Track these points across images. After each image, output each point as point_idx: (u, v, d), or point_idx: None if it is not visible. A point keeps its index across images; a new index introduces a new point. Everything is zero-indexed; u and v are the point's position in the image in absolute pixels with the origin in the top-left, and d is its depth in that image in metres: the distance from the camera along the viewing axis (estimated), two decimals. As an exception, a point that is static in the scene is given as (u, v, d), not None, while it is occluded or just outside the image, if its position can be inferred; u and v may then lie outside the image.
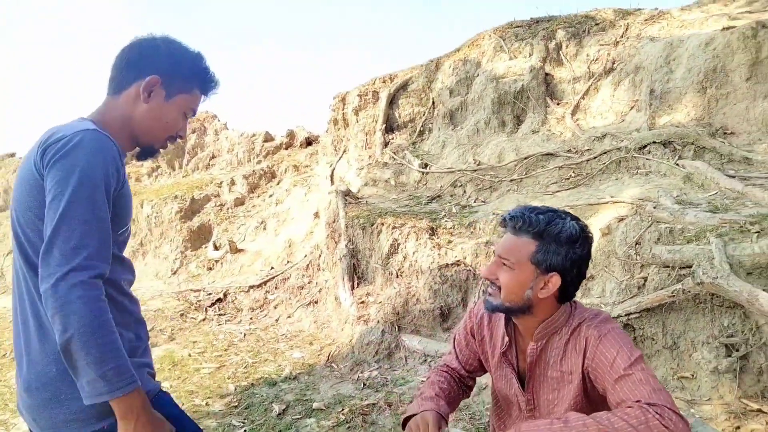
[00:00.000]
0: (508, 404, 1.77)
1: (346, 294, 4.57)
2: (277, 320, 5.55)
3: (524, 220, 1.49)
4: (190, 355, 4.90)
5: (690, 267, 2.77)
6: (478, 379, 1.97)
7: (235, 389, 4.03)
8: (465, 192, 5.50)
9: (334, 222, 5.62)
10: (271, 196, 8.82)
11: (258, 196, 9.36)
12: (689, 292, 2.65)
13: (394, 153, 7.00)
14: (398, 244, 4.50)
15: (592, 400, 1.62)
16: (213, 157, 11.07)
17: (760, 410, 2.42)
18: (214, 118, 11.79)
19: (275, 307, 5.82)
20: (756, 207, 3.02)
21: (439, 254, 4.29)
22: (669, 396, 1.38)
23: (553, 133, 5.78)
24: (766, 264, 2.56)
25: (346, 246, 4.97)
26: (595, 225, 3.70)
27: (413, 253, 4.38)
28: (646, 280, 3.10)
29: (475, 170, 5.63)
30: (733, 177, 3.57)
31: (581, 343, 1.56)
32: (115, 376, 1.19)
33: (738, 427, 2.40)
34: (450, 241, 4.39)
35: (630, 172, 4.46)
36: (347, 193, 6.00)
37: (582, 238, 1.49)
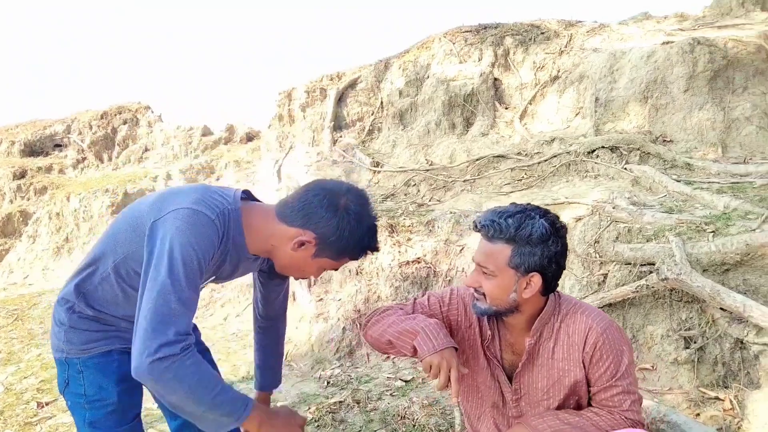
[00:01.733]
0: (486, 392, 1.79)
1: (304, 292, 4.48)
2: (225, 319, 5.36)
3: (494, 228, 1.51)
4: (132, 356, 4.63)
5: (651, 264, 2.94)
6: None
7: (188, 391, 3.85)
8: (419, 191, 5.55)
9: (286, 219, 5.50)
10: (211, 191, 8.52)
11: (196, 192, 9.01)
12: (652, 287, 2.80)
13: (344, 151, 6.96)
14: (358, 242, 4.48)
15: (582, 385, 1.69)
16: (146, 150, 10.55)
17: (717, 397, 2.60)
18: (147, 110, 11.24)
19: (222, 306, 5.62)
20: (706, 209, 3.25)
21: (399, 252, 4.30)
22: (640, 405, 1.59)
23: (502, 136, 5.95)
24: (720, 261, 2.76)
25: (301, 243, 4.88)
26: (553, 224, 3.84)
27: (373, 250, 4.37)
28: (606, 277, 3.25)
29: (428, 170, 5.70)
30: (679, 181, 3.82)
31: (580, 329, 1.62)
32: (232, 410, 1.32)
33: (698, 414, 2.56)
34: (409, 239, 4.41)
35: (580, 175, 4.67)
36: (298, 190, 5.90)
37: (553, 234, 1.51)
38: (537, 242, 1.50)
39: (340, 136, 7.46)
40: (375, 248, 1.55)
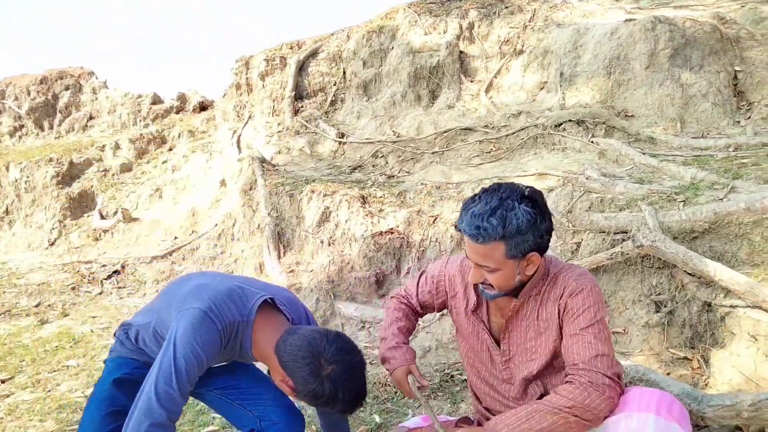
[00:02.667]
0: (478, 357, 1.87)
1: (274, 263, 4.41)
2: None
3: (480, 234, 1.52)
4: (92, 331, 4.46)
5: (625, 232, 3.05)
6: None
7: (157, 365, 3.74)
8: (387, 163, 5.53)
9: (250, 190, 5.37)
10: (165, 162, 8.19)
11: (148, 162, 8.65)
12: (627, 254, 2.91)
13: (307, 121, 6.82)
14: (330, 212, 4.42)
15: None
16: (91, 118, 9.99)
17: (685, 357, 2.76)
18: (91, 75, 10.61)
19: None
20: (673, 180, 3.39)
21: (372, 222, 4.29)
22: (610, 361, 1.57)
23: (468, 109, 5.98)
24: (690, 229, 2.90)
25: (269, 214, 4.78)
26: (526, 195, 3.91)
27: (345, 221, 4.33)
28: (579, 246, 3.35)
29: (395, 142, 5.67)
30: (644, 154, 3.97)
31: (558, 291, 1.67)
32: None
33: (668, 373, 2.71)
34: (381, 210, 4.40)
35: (548, 147, 4.77)
36: (262, 161, 5.76)
37: (538, 214, 1.55)
38: (526, 230, 1.53)
39: (302, 107, 7.30)
40: (347, 412, 1.68)
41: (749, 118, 4.65)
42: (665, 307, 2.91)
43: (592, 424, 1.51)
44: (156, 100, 10.03)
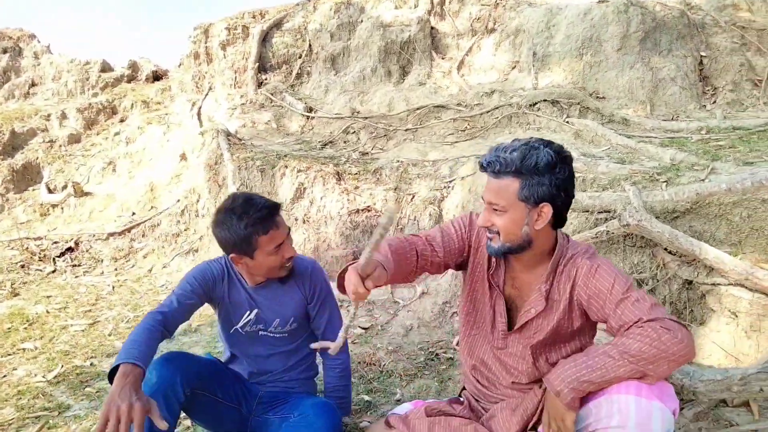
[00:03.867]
0: (481, 318, 1.80)
1: (245, 240, 4.25)
2: (150, 271, 4.98)
3: (500, 163, 1.50)
4: (48, 311, 4.18)
5: (608, 212, 3.08)
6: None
7: (123, 346, 3.54)
8: (359, 139, 5.41)
9: (216, 164, 5.14)
10: (117, 134, 7.75)
11: (98, 134, 8.18)
12: (612, 233, 2.94)
13: (272, 94, 6.58)
14: (304, 189, 4.29)
15: (566, 329, 1.72)
16: (33, 84, 9.32)
17: (667, 333, 2.82)
18: (33, 39, 9.87)
19: (145, 257, 5.21)
20: (652, 161, 3.44)
21: (348, 200, 4.18)
22: (664, 309, 1.51)
23: (440, 87, 5.92)
24: (672, 209, 2.95)
25: (238, 189, 4.59)
26: (505, 174, 3.90)
27: (321, 198, 4.21)
28: (561, 225, 3.37)
29: (367, 118, 5.55)
30: (620, 135, 4.02)
31: (572, 272, 1.63)
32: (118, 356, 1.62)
33: (652, 349, 2.77)
34: (357, 187, 4.30)
35: (522, 127, 4.77)
36: (227, 134, 5.51)
37: (560, 161, 1.51)
38: (544, 171, 1.48)
39: (266, 79, 7.04)
40: (268, 218, 1.84)
41: (714, 102, 4.80)
42: (646, 285, 2.96)
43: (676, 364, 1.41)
44: (105, 68, 9.46)
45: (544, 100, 4.77)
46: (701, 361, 2.67)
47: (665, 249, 2.94)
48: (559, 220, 1.61)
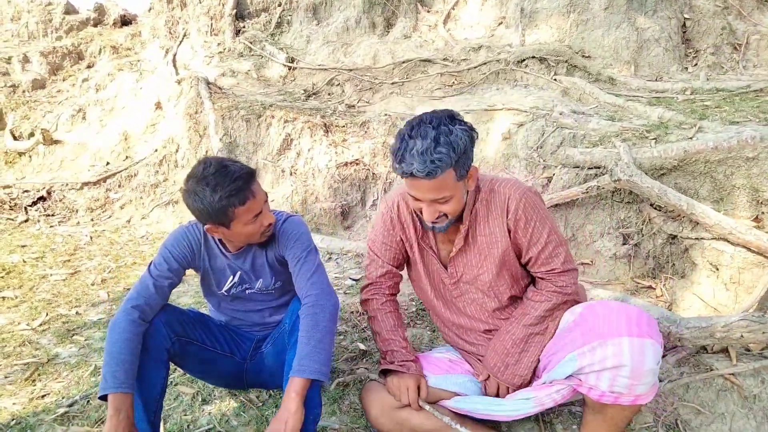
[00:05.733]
0: (431, 282, 1.92)
1: (230, 191, 4.18)
2: (129, 221, 4.87)
3: (437, 166, 1.49)
4: (24, 261, 4.07)
5: (598, 167, 3.14)
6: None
7: (109, 296, 3.50)
8: (344, 92, 5.31)
9: (197, 113, 5.00)
10: (86, 80, 7.41)
11: (64, 80, 7.80)
12: (602, 188, 3.01)
13: (251, 43, 6.37)
14: (291, 140, 4.22)
15: (514, 256, 1.80)
16: (-10, 24, 8.77)
17: (649, 287, 2.95)
18: (-13, -26, 9.22)
19: (122, 208, 5.08)
20: (640, 119, 3.50)
21: (336, 152, 4.14)
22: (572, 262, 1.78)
23: (425, 41, 5.83)
24: (660, 165, 3.02)
25: (221, 140, 4.49)
26: (495, 130, 3.92)
27: (308, 150, 4.16)
28: (550, 180, 3.43)
29: (352, 70, 5.45)
30: (607, 94, 4.06)
31: (501, 200, 1.72)
32: (102, 386, 1.64)
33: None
34: (345, 140, 4.26)
35: (510, 83, 4.76)
36: (207, 83, 5.34)
37: (471, 130, 1.56)
38: (464, 149, 1.52)
39: (243, 27, 6.80)
40: (239, 203, 1.71)
41: (696, 65, 4.87)
42: (632, 239, 3.06)
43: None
44: (69, 10, 8.95)
45: (532, 57, 4.76)
46: (682, 312, 2.80)
47: (651, 205, 3.04)
48: None
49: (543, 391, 1.70)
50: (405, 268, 2.01)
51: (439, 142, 1.47)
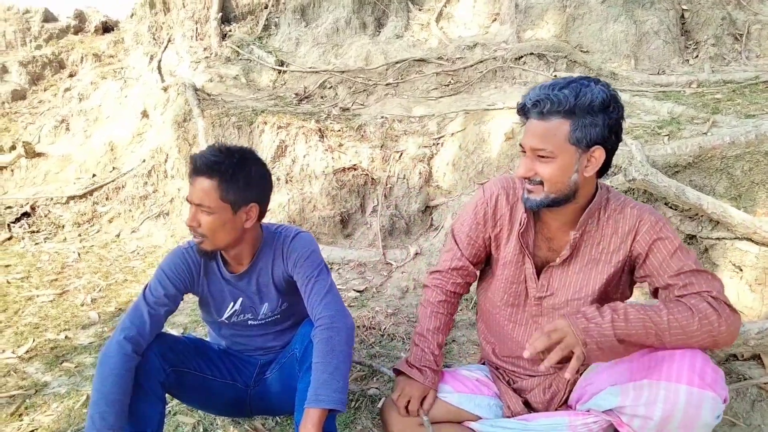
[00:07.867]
0: (508, 288, 1.67)
1: (223, 202, 4.01)
2: (118, 236, 4.68)
3: (551, 101, 1.35)
4: (9, 282, 3.88)
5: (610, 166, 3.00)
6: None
7: (100, 317, 3.32)
8: (337, 94, 5.15)
9: (185, 121, 4.82)
10: (68, 90, 7.19)
11: (46, 90, 7.58)
12: (616, 188, 2.87)
13: (238, 47, 6.19)
14: (286, 147, 4.06)
15: (614, 287, 1.63)
16: (-33, 35, 8.50)
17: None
18: (-37, -16, 8.96)
19: (110, 221, 4.89)
20: (649, 115, 3.38)
21: (332, 158, 3.99)
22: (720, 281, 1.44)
23: (418, 39, 5.69)
24: (674, 163, 2.90)
25: (212, 148, 4.30)
26: (497, 129, 3.78)
27: (304, 156, 4.00)
28: (559, 181, 3.29)
29: (344, 72, 5.29)
30: (611, 89, 3.93)
31: (630, 222, 1.51)
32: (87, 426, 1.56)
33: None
34: (341, 145, 4.10)
35: (508, 81, 4.63)
36: (195, 89, 5.16)
37: (613, 100, 1.39)
38: (599, 109, 1.35)
39: (230, 31, 6.61)
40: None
41: (696, 57, 4.77)
42: (649, 240, 2.93)
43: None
44: (48, 18, 8.71)
45: (530, 54, 4.64)
46: (704, 315, 2.67)
47: (666, 204, 2.91)
48: (605, 166, 1.48)
49: (579, 419, 1.55)
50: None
51: (567, 86, 1.35)
